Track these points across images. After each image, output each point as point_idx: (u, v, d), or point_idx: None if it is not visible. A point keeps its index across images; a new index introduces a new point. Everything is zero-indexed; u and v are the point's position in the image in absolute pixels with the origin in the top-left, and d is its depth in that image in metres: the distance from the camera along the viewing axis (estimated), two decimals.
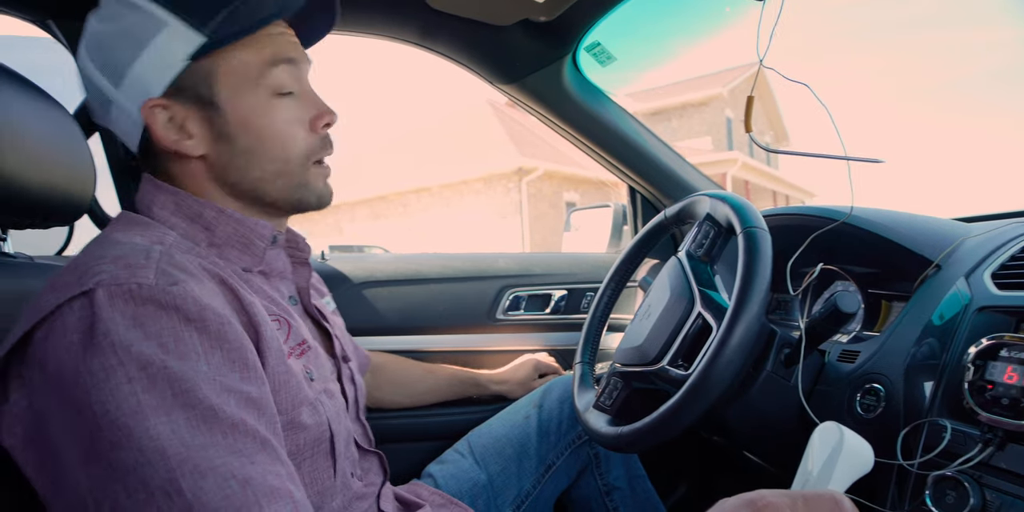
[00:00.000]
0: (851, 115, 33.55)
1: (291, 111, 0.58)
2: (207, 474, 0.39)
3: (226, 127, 0.56)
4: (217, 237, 0.57)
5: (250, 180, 0.58)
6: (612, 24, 1.10)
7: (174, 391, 0.41)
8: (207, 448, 0.40)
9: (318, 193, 0.61)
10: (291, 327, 0.58)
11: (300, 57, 0.59)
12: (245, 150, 0.57)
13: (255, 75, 0.55)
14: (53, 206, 0.64)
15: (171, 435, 0.40)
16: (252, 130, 0.56)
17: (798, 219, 0.91)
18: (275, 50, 0.56)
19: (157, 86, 0.54)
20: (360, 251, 7.14)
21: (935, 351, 0.64)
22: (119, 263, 0.45)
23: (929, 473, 0.56)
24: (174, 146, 0.56)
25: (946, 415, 0.59)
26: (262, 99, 0.56)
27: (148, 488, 0.38)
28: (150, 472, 0.39)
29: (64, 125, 0.65)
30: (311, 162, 0.60)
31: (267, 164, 0.57)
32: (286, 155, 0.58)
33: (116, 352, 0.41)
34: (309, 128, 0.59)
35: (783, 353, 0.70)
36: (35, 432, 0.42)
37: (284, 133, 0.57)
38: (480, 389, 1.08)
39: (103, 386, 0.40)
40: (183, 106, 0.55)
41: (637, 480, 0.97)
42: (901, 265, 0.79)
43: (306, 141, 0.59)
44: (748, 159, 13.75)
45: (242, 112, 0.56)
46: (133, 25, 0.53)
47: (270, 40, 0.56)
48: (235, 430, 0.42)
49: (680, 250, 0.80)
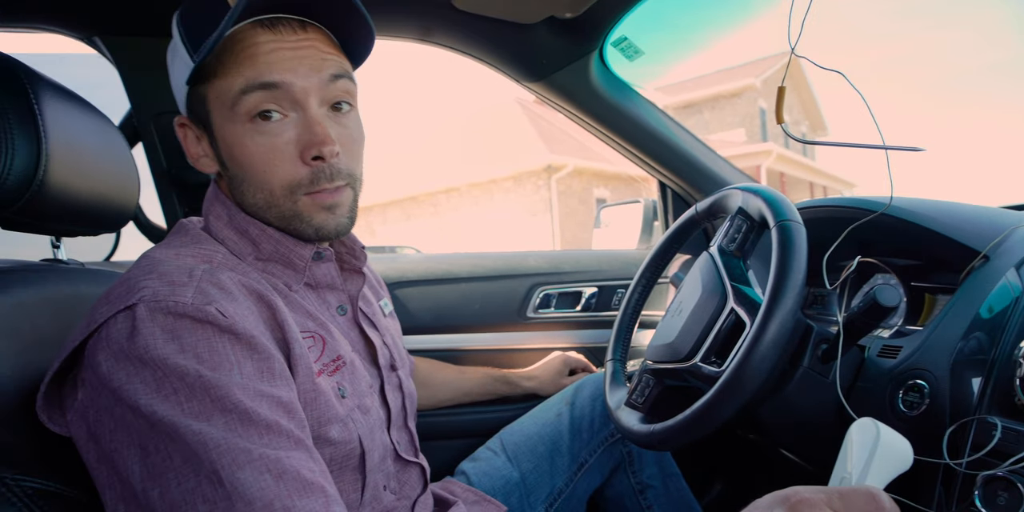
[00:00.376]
0: (892, 102, 32.29)
1: (272, 139, 0.54)
2: (245, 467, 0.42)
3: (221, 153, 0.57)
4: (262, 253, 0.59)
5: (248, 205, 0.58)
6: (639, 18, 1.08)
7: (211, 397, 0.44)
8: (245, 446, 0.43)
9: (315, 225, 0.57)
10: (326, 343, 0.59)
11: (290, 80, 0.53)
12: (236, 177, 0.57)
13: (230, 102, 0.53)
14: (102, 214, 0.67)
15: (213, 434, 0.43)
16: (234, 159, 0.56)
17: (834, 211, 0.89)
18: (252, 74, 0.52)
19: (182, 106, 0.59)
20: (392, 252, 7.24)
21: (983, 345, 0.61)
22: (163, 280, 0.49)
23: (978, 473, 0.54)
24: (195, 163, 0.60)
25: (996, 412, 0.56)
26: (239, 127, 0.54)
27: (197, 477, 0.42)
28: (196, 464, 0.42)
29: (110, 137, 0.68)
30: (300, 194, 0.56)
31: (256, 192, 0.56)
32: (268, 186, 0.56)
33: (157, 364, 0.45)
34: (298, 158, 0.55)
35: (820, 349, 0.68)
36: (96, 427, 0.46)
37: (263, 163, 0.54)
38: (511, 387, 1.09)
39: (154, 394, 0.44)
40: (196, 127, 0.59)
41: (671, 478, 0.96)
42: (945, 256, 0.76)
43: (290, 172, 0.55)
44: (783, 150, 13.39)
45: (227, 140, 0.56)
46: (171, 44, 0.58)
47: (251, 63, 0.52)
48: (270, 430, 0.45)
49: (712, 245, 0.78)
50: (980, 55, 32.52)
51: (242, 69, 0.52)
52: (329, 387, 0.56)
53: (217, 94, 0.54)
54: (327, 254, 0.63)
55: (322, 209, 0.57)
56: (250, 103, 0.53)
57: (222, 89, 0.54)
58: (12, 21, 0.97)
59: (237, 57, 0.53)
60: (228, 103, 0.54)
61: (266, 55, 0.53)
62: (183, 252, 0.55)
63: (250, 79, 0.52)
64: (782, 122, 0.67)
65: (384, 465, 0.64)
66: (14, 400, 0.50)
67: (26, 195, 0.54)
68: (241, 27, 0.53)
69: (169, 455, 0.43)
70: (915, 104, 33.45)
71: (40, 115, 0.55)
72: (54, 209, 0.59)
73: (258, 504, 0.41)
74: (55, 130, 0.57)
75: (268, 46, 0.53)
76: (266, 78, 0.52)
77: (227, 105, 0.54)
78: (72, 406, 0.48)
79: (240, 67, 0.52)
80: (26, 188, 0.54)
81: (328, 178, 0.56)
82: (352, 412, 0.58)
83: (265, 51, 0.53)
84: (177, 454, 0.43)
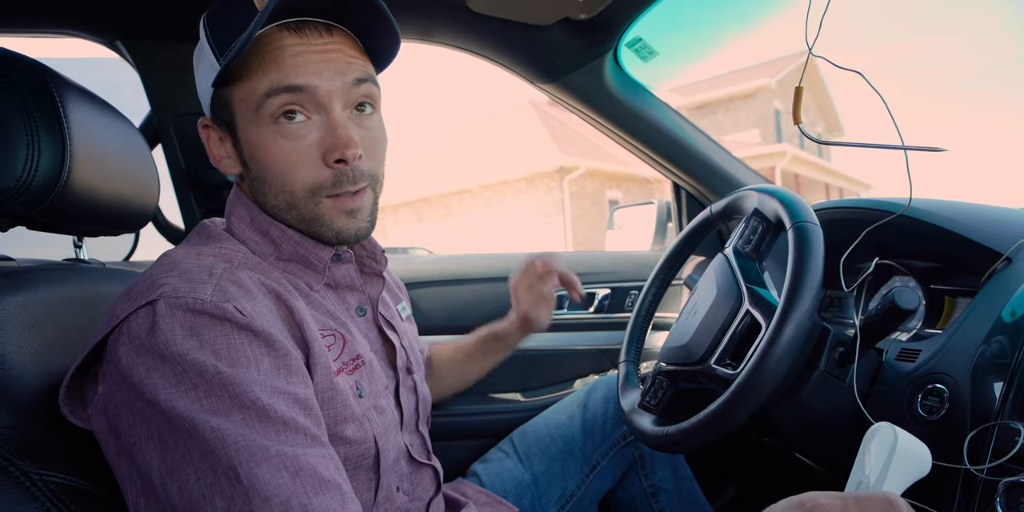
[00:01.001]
0: (909, 103, 31.81)
1: (296, 142, 0.54)
2: (262, 464, 0.43)
3: (243, 154, 0.58)
4: (282, 253, 0.60)
5: (269, 207, 0.59)
6: (653, 19, 1.08)
7: (230, 394, 0.45)
8: (262, 443, 0.44)
9: (336, 229, 0.57)
10: (346, 342, 0.59)
11: (315, 83, 0.53)
12: (258, 178, 0.57)
13: (255, 105, 0.54)
14: (123, 215, 0.68)
15: (231, 430, 0.44)
16: (257, 161, 0.56)
17: (852, 212, 0.88)
18: (277, 77, 0.53)
19: (206, 108, 0.60)
20: (404, 253, 7.28)
21: (1005, 349, 0.60)
22: (183, 278, 0.50)
23: (1000, 479, 0.53)
24: (218, 164, 0.60)
25: (1018, 417, 0.55)
26: (263, 130, 0.55)
27: (215, 473, 0.43)
28: (214, 460, 0.43)
29: (132, 139, 0.69)
30: (322, 196, 0.56)
31: (278, 194, 0.57)
32: (291, 188, 0.56)
33: (176, 360, 0.45)
34: (321, 160, 0.55)
35: (837, 352, 0.67)
36: (116, 421, 0.47)
37: (285, 165, 0.55)
38: (507, 343, 0.92)
39: (173, 389, 0.45)
40: (220, 129, 0.59)
41: (684, 482, 0.95)
42: (966, 259, 0.74)
43: (312, 175, 0.55)
44: (798, 151, 13.25)
45: (251, 142, 0.56)
46: (198, 48, 0.59)
47: (276, 66, 0.53)
48: (287, 427, 0.46)
49: (727, 246, 0.78)
50: (994, 55, 31.95)
51: (267, 72, 0.53)
52: (347, 386, 0.57)
53: (242, 96, 0.55)
54: (346, 256, 0.63)
55: (343, 213, 0.57)
56: (274, 105, 0.53)
57: (247, 91, 0.54)
58: (38, 26, 0.99)
59: (263, 60, 0.53)
60: (252, 105, 0.54)
61: (291, 58, 0.53)
62: (204, 251, 0.56)
63: (275, 82, 0.53)
64: (799, 122, 0.67)
65: (398, 466, 0.64)
66: (38, 396, 0.51)
67: (51, 196, 0.55)
68: (267, 30, 0.54)
69: (188, 450, 0.44)
70: (933, 105, 32.92)
71: (65, 118, 0.56)
72: (77, 209, 0.60)
73: (275, 501, 0.42)
74: (79, 132, 0.58)
75: (294, 49, 0.53)
76: (291, 81, 0.53)
77: (251, 107, 0.54)
78: (93, 400, 0.49)
79: (265, 70, 0.53)
80: (51, 189, 0.55)
81: (351, 181, 0.56)
82: (368, 412, 0.58)
83: (291, 54, 0.53)
84: (195, 450, 0.43)
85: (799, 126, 0.70)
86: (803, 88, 0.71)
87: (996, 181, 27.42)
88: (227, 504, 0.42)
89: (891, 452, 0.46)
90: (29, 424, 0.49)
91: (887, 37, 33.81)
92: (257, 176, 0.58)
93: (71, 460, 0.51)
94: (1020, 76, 30.88)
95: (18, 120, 0.53)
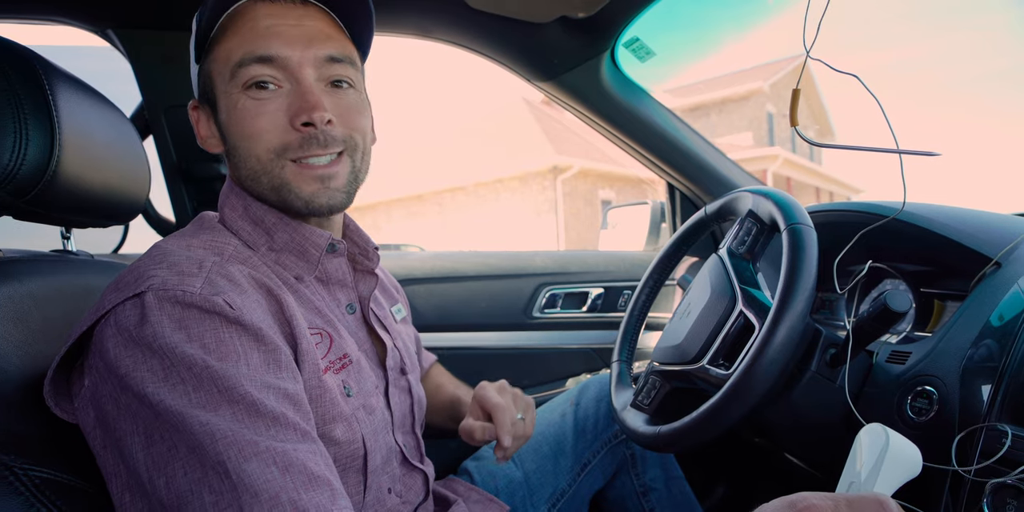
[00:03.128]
0: (906, 107, 32.15)
1: (266, 106, 0.55)
2: (251, 459, 0.42)
3: (221, 126, 0.58)
4: (276, 242, 0.59)
5: (242, 179, 0.58)
6: (651, 19, 1.08)
7: (219, 388, 0.44)
8: (251, 438, 0.43)
9: (305, 197, 0.56)
10: (333, 341, 0.59)
11: (285, 53, 0.54)
12: (233, 148, 0.58)
13: (229, 74, 0.55)
14: (113, 206, 0.67)
15: (220, 425, 0.43)
16: (230, 128, 0.57)
17: (845, 215, 0.88)
18: (250, 47, 0.54)
19: (195, 90, 0.61)
20: (396, 250, 7.27)
21: (994, 353, 0.61)
22: (173, 270, 0.49)
23: (987, 481, 0.53)
24: (204, 144, 0.61)
25: (1007, 420, 0.56)
26: (235, 97, 0.55)
27: (203, 467, 0.42)
28: (202, 455, 0.42)
29: (123, 129, 0.68)
30: (286, 159, 0.55)
31: (247, 161, 0.57)
32: (256, 151, 0.56)
33: (165, 353, 0.44)
34: (289, 125, 0.55)
35: (828, 353, 0.68)
36: (102, 414, 0.46)
37: (254, 128, 0.55)
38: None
39: (160, 383, 0.44)
40: (204, 107, 0.60)
41: (674, 481, 0.96)
42: (956, 263, 0.75)
43: (278, 138, 0.55)
44: (790, 155, 13.34)
45: (226, 110, 0.57)
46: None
47: (251, 36, 0.54)
48: (276, 422, 0.45)
49: (721, 247, 0.78)
50: (990, 61, 32.36)
51: (242, 42, 0.54)
52: (335, 384, 0.56)
53: (218, 68, 0.56)
54: (340, 247, 0.62)
55: (312, 179, 0.56)
56: (247, 75, 0.54)
57: (222, 62, 0.55)
58: (28, 13, 0.98)
59: (239, 30, 0.55)
60: (227, 75, 0.55)
61: (265, 29, 0.54)
62: (194, 243, 0.55)
63: (248, 52, 0.54)
64: (796, 124, 0.67)
65: (389, 468, 0.63)
66: (22, 389, 0.51)
67: (39, 185, 0.54)
68: (243, 3, 0.55)
69: (175, 444, 0.43)
70: (926, 109, 33.29)
71: (54, 105, 0.55)
72: (66, 200, 0.59)
73: (264, 496, 0.41)
74: (69, 121, 0.57)
75: (267, 20, 0.55)
76: (262, 52, 0.54)
77: (226, 77, 0.55)
78: (79, 393, 0.48)
79: (240, 39, 0.54)
80: (39, 178, 0.54)
81: (321, 144, 0.55)
82: (357, 411, 0.58)
83: (264, 25, 0.54)
84: (183, 444, 0.43)
85: (795, 128, 0.70)
86: (799, 90, 0.71)
87: (988, 187, 27.80)
88: (215, 498, 0.41)
89: (882, 453, 0.46)
90: (13, 418, 0.49)
91: (882, 41, 34.15)
92: (232, 146, 0.58)
93: (56, 455, 0.50)
94: (1016, 83, 31.31)
95: (6, 107, 0.52)
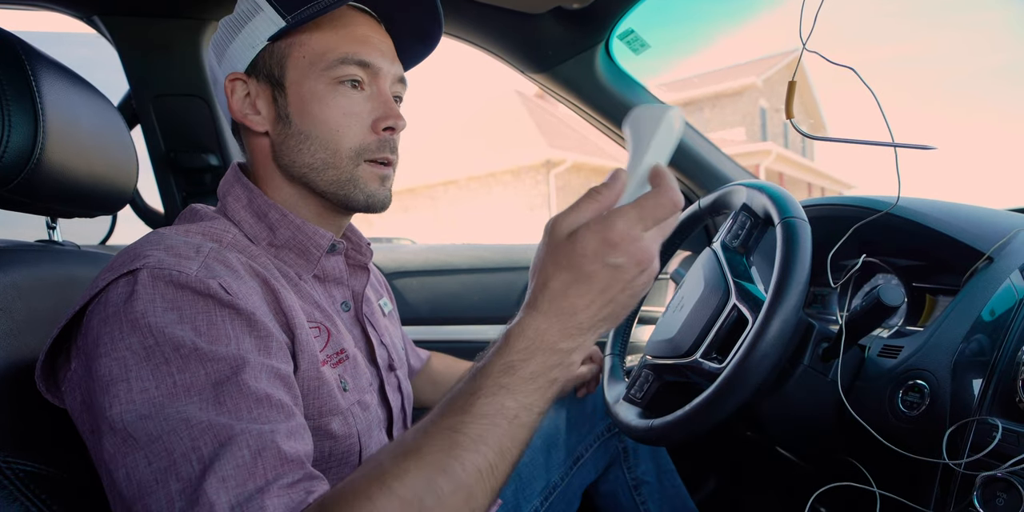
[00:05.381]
0: (895, 102, 32.25)
1: (353, 105, 0.58)
2: (226, 444, 0.40)
3: (287, 108, 0.58)
4: (278, 238, 0.59)
5: (300, 165, 0.59)
6: (645, 13, 1.08)
7: (206, 371, 0.43)
8: (228, 420, 0.41)
9: (368, 192, 0.60)
10: (331, 335, 0.58)
11: (379, 64, 0.59)
12: (299, 133, 0.58)
13: (324, 65, 0.57)
14: (100, 196, 0.66)
15: (197, 410, 0.41)
16: (308, 114, 0.58)
17: (839, 209, 0.88)
18: (353, 49, 0.57)
19: (241, 63, 0.59)
20: (389, 243, 7.26)
21: (984, 347, 0.61)
22: (170, 252, 0.48)
23: (977, 474, 0.54)
24: (243, 119, 0.60)
25: (997, 414, 0.56)
26: (324, 87, 0.57)
27: (171, 456, 0.40)
28: (175, 441, 0.40)
29: (110, 118, 0.67)
30: (363, 159, 0.59)
31: (318, 151, 0.58)
32: (336, 146, 0.58)
33: (152, 333, 0.43)
34: (370, 127, 0.59)
35: (821, 347, 0.68)
36: (88, 397, 0.44)
37: (338, 123, 0.58)
38: None
39: (143, 363, 0.42)
40: (257, 83, 0.59)
41: (666, 475, 0.96)
42: (949, 257, 0.75)
43: (360, 137, 0.58)
44: (783, 150, 13.39)
45: (303, 96, 0.57)
46: (240, 11, 0.59)
47: (352, 39, 0.58)
48: (260, 403, 0.43)
49: (715, 241, 0.78)
50: (985, 57, 32.55)
51: (342, 41, 0.58)
52: (333, 378, 0.56)
53: (307, 53, 0.57)
54: (340, 247, 0.62)
55: (377, 178, 0.60)
56: (343, 72, 0.57)
57: (317, 51, 0.57)
58: None
59: (337, 30, 0.58)
60: (320, 64, 0.57)
61: (363, 36, 0.59)
62: (192, 229, 0.55)
63: (351, 53, 0.57)
64: (792, 117, 0.67)
65: None
66: (6, 380, 0.50)
67: (23, 173, 0.53)
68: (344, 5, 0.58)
69: (147, 431, 0.41)
70: (919, 105, 33.47)
71: (38, 92, 0.54)
72: (51, 188, 0.58)
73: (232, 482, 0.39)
74: (53, 108, 0.55)
75: (363, 29, 0.59)
76: (365, 57, 0.58)
77: (317, 66, 0.57)
78: (66, 377, 0.47)
79: (340, 39, 0.58)
80: (23, 166, 0.53)
81: (392, 149, 0.61)
82: (353, 406, 0.58)
83: (362, 33, 0.59)
84: (156, 429, 0.40)
85: (791, 121, 0.70)
86: (796, 82, 0.71)
87: (982, 182, 28.05)
88: (182, 486, 0.39)
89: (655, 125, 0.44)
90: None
91: (878, 37, 34.26)
92: (299, 131, 0.58)
93: (42, 448, 0.49)
94: (1013, 80, 31.50)
95: None
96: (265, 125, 0.59)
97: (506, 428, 0.41)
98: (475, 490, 0.39)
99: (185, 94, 1.07)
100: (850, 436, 0.66)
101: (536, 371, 0.42)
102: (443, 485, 0.38)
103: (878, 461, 0.65)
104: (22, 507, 0.45)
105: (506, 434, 0.41)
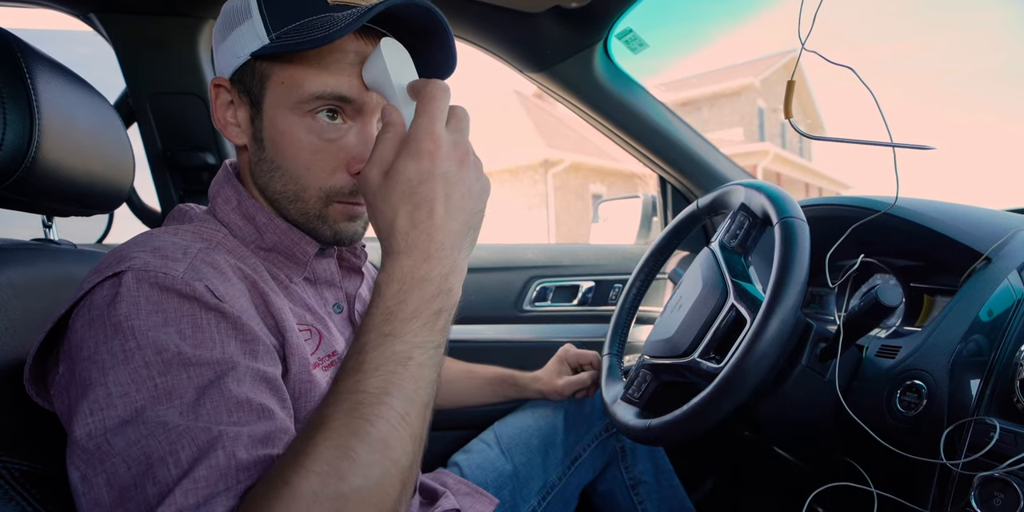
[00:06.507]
0: (894, 102, 32.30)
1: (327, 143, 0.53)
2: (206, 448, 0.39)
3: (261, 132, 0.55)
4: (265, 241, 0.57)
5: (271, 191, 0.57)
6: (644, 13, 1.07)
7: (189, 375, 0.42)
8: (207, 424, 0.40)
9: (336, 229, 0.57)
10: (323, 338, 0.58)
11: (363, 99, 0.53)
12: (271, 161, 0.55)
13: (298, 98, 0.52)
14: (96, 194, 0.65)
15: (177, 415, 0.40)
16: (281, 147, 0.54)
17: (837, 209, 0.88)
18: (333, 84, 0.52)
19: (227, 69, 0.56)
20: None
21: (982, 348, 0.61)
22: (156, 253, 0.47)
23: (975, 474, 0.54)
24: (223, 128, 0.57)
25: (995, 414, 0.56)
26: (297, 119, 0.53)
27: (149, 460, 0.39)
28: (153, 445, 0.39)
29: (106, 116, 0.66)
30: (333, 201, 0.55)
31: (288, 183, 0.55)
32: (305, 183, 0.55)
33: (135, 336, 0.42)
34: (344, 167, 0.54)
35: (819, 347, 0.68)
36: (72, 400, 0.43)
37: (309, 161, 0.54)
38: (519, 390, 0.98)
39: (122, 367, 0.41)
40: (239, 95, 0.56)
41: (664, 474, 0.96)
42: (946, 258, 0.75)
43: (331, 179, 0.54)
44: (780, 150, 13.42)
45: (278, 127, 0.54)
46: (235, 8, 0.55)
47: (336, 71, 0.52)
48: (240, 408, 0.42)
49: (713, 241, 0.78)
50: (984, 57, 32.62)
51: (323, 75, 0.51)
52: (324, 381, 0.55)
53: (285, 81, 0.52)
54: (330, 251, 0.62)
55: (347, 217, 0.57)
56: (318, 104, 0.52)
57: (295, 80, 0.52)
58: None
59: (323, 60, 0.51)
60: (295, 96, 0.52)
61: (351, 66, 0.52)
62: (181, 229, 0.54)
63: (330, 87, 0.52)
64: (791, 116, 0.67)
65: None
66: (1, 380, 0.49)
67: (18, 171, 0.53)
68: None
69: (126, 436, 0.40)
70: (918, 104, 33.52)
71: (33, 89, 0.53)
72: (47, 186, 0.57)
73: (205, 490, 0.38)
74: (49, 105, 0.55)
75: (352, 57, 0.52)
76: (345, 92, 0.52)
77: (292, 96, 0.52)
78: (55, 381, 0.46)
79: (322, 71, 0.51)
80: (18, 164, 0.53)
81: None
82: None
83: (350, 62, 0.52)
84: (134, 434, 0.39)
85: (789, 121, 0.70)
86: (795, 82, 0.70)
87: (981, 182, 28.12)
88: (159, 490, 0.38)
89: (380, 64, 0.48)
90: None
91: (876, 36, 34.30)
92: (271, 159, 0.55)
93: (37, 447, 0.49)
94: (1012, 79, 31.57)
95: None
96: (244, 139, 0.57)
97: (404, 373, 0.40)
98: (391, 441, 0.39)
99: (182, 92, 1.07)
100: (848, 436, 0.67)
101: (417, 308, 0.42)
102: (355, 446, 0.37)
103: (876, 461, 0.65)
104: (17, 506, 0.45)
105: (407, 379, 0.40)
